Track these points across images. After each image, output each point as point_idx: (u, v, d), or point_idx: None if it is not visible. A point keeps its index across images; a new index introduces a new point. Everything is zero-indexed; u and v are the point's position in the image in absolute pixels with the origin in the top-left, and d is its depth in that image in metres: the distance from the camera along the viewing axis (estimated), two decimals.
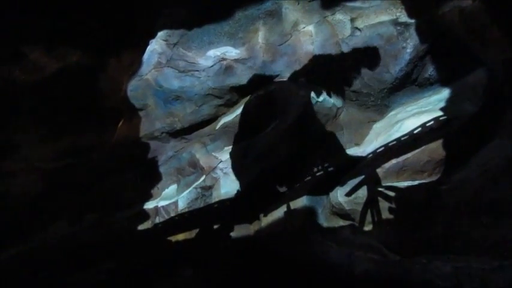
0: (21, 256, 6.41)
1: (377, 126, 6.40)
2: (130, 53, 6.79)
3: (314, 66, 6.69)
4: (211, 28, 6.83)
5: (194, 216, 7.10)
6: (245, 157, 6.82)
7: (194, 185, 7.13)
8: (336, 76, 6.52)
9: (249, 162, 6.75)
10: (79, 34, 5.91)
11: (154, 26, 6.78)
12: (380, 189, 5.40)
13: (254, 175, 6.73)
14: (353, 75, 6.30)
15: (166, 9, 6.79)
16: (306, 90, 6.56)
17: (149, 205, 7.50)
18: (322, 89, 6.63)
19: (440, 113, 5.32)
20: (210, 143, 7.51)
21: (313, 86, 6.65)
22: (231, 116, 7.23)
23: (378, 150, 5.81)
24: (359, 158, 6.10)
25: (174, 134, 7.55)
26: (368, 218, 5.56)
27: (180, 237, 7.25)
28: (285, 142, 6.54)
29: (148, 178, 7.68)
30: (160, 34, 6.84)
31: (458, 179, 4.72)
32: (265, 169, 6.66)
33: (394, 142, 5.59)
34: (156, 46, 6.90)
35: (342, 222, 5.99)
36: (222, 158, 7.13)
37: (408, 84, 6.03)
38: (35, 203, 6.48)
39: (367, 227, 5.57)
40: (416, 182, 5.25)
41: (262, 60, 6.89)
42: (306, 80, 6.75)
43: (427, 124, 5.29)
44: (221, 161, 7.09)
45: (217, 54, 6.89)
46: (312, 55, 6.65)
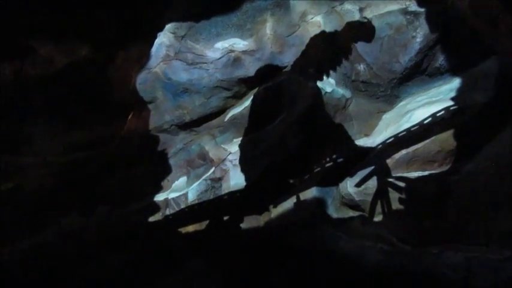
0: (34, 248, 6.50)
1: (386, 116, 6.36)
2: (138, 46, 6.80)
3: (322, 56, 6.65)
4: (219, 20, 6.81)
5: (204, 208, 7.14)
6: (254, 149, 6.83)
7: (204, 177, 7.16)
8: (345, 67, 6.48)
9: (258, 154, 6.76)
10: (88, 28, 5.92)
11: (162, 19, 6.77)
12: (390, 179, 5.38)
13: (263, 167, 6.74)
14: (362, 65, 6.25)
15: (174, 1, 6.77)
16: (315, 81, 6.53)
17: (160, 197, 7.56)
18: (330, 80, 6.59)
19: (451, 103, 5.27)
20: (219, 135, 7.53)
21: (321, 77, 6.62)
22: (240, 108, 7.23)
23: (388, 140, 5.78)
24: (368, 149, 6.09)
25: (183, 127, 7.58)
26: (378, 209, 5.55)
27: (191, 228, 7.31)
28: (294, 134, 6.53)
29: (158, 170, 7.73)
30: (168, 27, 6.83)
31: (469, 170, 4.67)
32: (274, 161, 6.66)
33: (404, 133, 5.56)
34: (164, 39, 6.90)
35: (352, 213, 5.98)
36: (231, 150, 7.15)
37: (418, 74, 5.98)
38: (48, 196, 6.56)
39: (377, 218, 5.56)
40: (426, 173, 5.22)
41: (270, 51, 6.87)
42: (315, 71, 6.72)
43: (438, 114, 5.25)
44: (230, 153, 7.11)
45: (225, 46, 6.88)
46: (321, 46, 6.61)
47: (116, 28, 6.44)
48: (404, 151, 5.35)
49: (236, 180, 6.96)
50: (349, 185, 5.85)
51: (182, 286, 6.10)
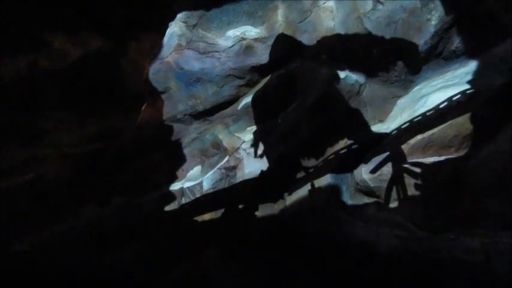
0: (53, 239, 6.62)
1: (401, 101, 6.30)
2: (150, 37, 6.80)
3: (335, 42, 6.57)
4: (230, 8, 6.76)
5: (219, 196, 7.19)
6: (268, 137, 6.83)
7: (218, 166, 7.20)
8: (358, 52, 6.39)
9: (272, 142, 6.76)
10: (100, 20, 5.94)
11: (173, 8, 6.75)
12: (405, 165, 5.33)
13: (277, 155, 6.74)
14: (376, 50, 6.16)
15: None
16: (328, 67, 6.47)
17: (175, 186, 7.64)
18: (344, 66, 6.53)
19: (467, 87, 5.18)
20: (233, 124, 7.55)
21: (334, 63, 6.55)
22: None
23: (403, 126, 5.73)
24: (383, 135, 6.04)
25: (197, 116, 7.61)
26: (393, 195, 5.52)
27: (207, 217, 7.38)
28: (307, 121, 6.51)
29: (173, 160, 7.80)
30: (179, 16, 6.81)
31: (486, 154, 4.61)
32: (288, 148, 6.66)
33: (420, 117, 5.49)
34: (176, 28, 6.89)
35: (367, 199, 5.96)
36: (245, 138, 7.16)
37: (433, 57, 5.87)
38: (66, 187, 6.67)
39: (392, 204, 5.53)
40: (442, 158, 5.15)
41: None
42: (328, 57, 6.65)
43: (454, 98, 5.17)
44: (244, 141, 7.12)
45: (236, 34, 6.84)
46: (333, 31, 6.53)
47: (128, 19, 6.45)
48: (419, 136, 5.28)
49: (250, 168, 6.99)
50: (363, 172, 5.82)
51: (198, 274, 6.18)
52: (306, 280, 5.75)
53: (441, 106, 5.27)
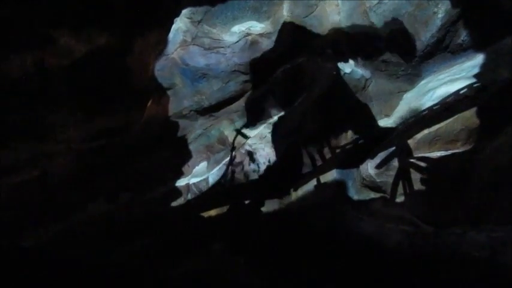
0: (61, 234, 6.69)
1: (407, 96, 6.25)
2: (156, 33, 6.80)
3: (341, 37, 6.54)
4: (235, 3, 6.72)
5: (225, 192, 7.21)
6: (274, 132, 6.84)
7: (224, 162, 7.22)
8: (364, 46, 6.35)
9: (278, 137, 6.76)
10: (106, 16, 5.96)
11: (178, 4, 6.75)
12: (412, 160, 5.30)
13: (283, 149, 6.74)
14: (381, 44, 6.12)
15: None
16: (333, 62, 6.44)
17: (181, 182, 7.68)
18: (350, 60, 6.49)
19: (474, 80, 5.13)
20: (238, 120, 7.55)
21: (340, 58, 6.52)
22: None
23: (409, 120, 5.69)
24: (389, 129, 6.01)
25: (202, 112, 7.62)
26: (399, 190, 5.49)
27: (213, 212, 7.41)
28: (314, 115, 6.49)
29: (179, 156, 7.83)
30: (184, 12, 6.80)
31: (493, 148, 4.57)
32: (294, 143, 6.66)
33: (426, 112, 5.45)
34: (181, 24, 6.88)
35: (373, 194, 5.95)
36: (250, 134, 7.16)
37: (440, 51, 5.80)
38: (73, 183, 6.72)
39: (398, 199, 5.51)
40: (449, 152, 5.11)
41: None
42: (333, 52, 6.62)
43: (461, 92, 5.12)
44: (249, 137, 7.12)
45: (241, 29, 6.82)
46: (339, 26, 6.50)
47: (133, 15, 6.46)
48: (426, 131, 5.24)
49: (256, 164, 6.99)
50: (370, 167, 5.80)
51: (204, 269, 6.20)
52: (312, 275, 5.76)
53: (448, 100, 5.23)
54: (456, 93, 5.16)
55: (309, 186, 6.75)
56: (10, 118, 5.59)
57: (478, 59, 5.46)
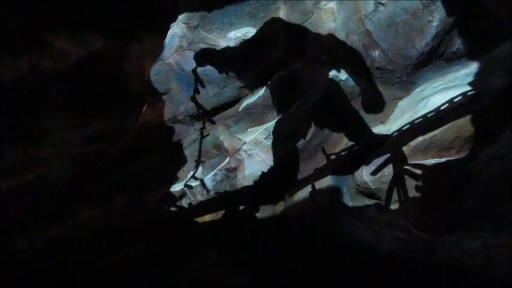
0: (54, 239, 6.64)
1: (402, 103, 6.28)
2: (152, 38, 6.82)
3: (336, 44, 6.57)
4: (231, 9, 6.74)
5: (219, 198, 7.20)
6: (270, 137, 6.84)
7: (219, 167, 7.21)
8: (359, 53, 6.38)
9: (275, 142, 6.77)
10: (102, 21, 5.97)
11: (174, 9, 6.76)
12: (406, 167, 5.32)
13: (279, 156, 6.74)
14: (377, 51, 6.15)
15: None
16: (329, 69, 6.47)
17: (176, 187, 7.65)
18: (345, 67, 6.52)
19: (468, 88, 5.15)
20: (234, 125, 7.55)
21: (335, 65, 6.55)
22: (254, 98, 7.21)
23: (404, 127, 5.72)
24: (384, 136, 6.03)
25: (198, 117, 7.60)
26: (394, 197, 5.50)
27: (207, 218, 7.38)
28: (309, 122, 6.51)
29: (174, 161, 7.81)
30: (180, 17, 6.81)
31: (487, 156, 4.58)
32: (289, 149, 6.66)
33: (420, 119, 5.48)
34: (177, 29, 6.89)
35: (368, 201, 5.94)
36: (246, 140, 7.16)
37: (434, 59, 5.85)
38: (67, 188, 6.69)
39: (393, 206, 5.51)
40: (443, 160, 5.12)
41: None
42: (329, 59, 6.65)
43: (455, 100, 5.15)
44: (245, 143, 7.12)
45: (238, 35, 6.83)
46: (334, 33, 6.53)
47: (130, 20, 6.47)
48: (420, 138, 5.26)
49: (251, 170, 6.99)
50: (364, 173, 5.80)
51: (199, 275, 6.18)
52: (307, 281, 5.75)
53: (442, 108, 5.25)
54: (450, 101, 5.18)
55: (304, 192, 6.74)
56: (3, 122, 5.56)
57: (472, 68, 5.51)
